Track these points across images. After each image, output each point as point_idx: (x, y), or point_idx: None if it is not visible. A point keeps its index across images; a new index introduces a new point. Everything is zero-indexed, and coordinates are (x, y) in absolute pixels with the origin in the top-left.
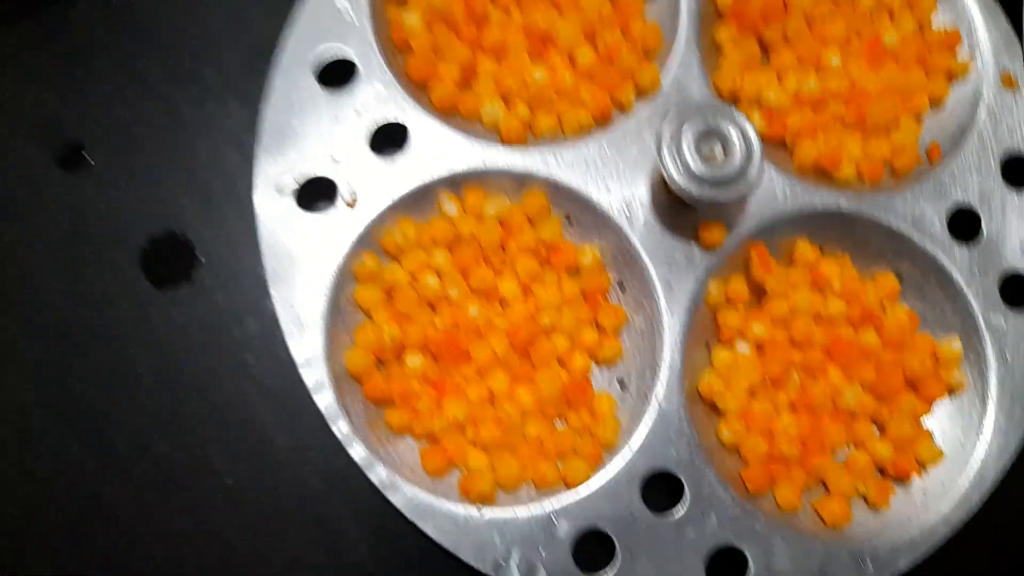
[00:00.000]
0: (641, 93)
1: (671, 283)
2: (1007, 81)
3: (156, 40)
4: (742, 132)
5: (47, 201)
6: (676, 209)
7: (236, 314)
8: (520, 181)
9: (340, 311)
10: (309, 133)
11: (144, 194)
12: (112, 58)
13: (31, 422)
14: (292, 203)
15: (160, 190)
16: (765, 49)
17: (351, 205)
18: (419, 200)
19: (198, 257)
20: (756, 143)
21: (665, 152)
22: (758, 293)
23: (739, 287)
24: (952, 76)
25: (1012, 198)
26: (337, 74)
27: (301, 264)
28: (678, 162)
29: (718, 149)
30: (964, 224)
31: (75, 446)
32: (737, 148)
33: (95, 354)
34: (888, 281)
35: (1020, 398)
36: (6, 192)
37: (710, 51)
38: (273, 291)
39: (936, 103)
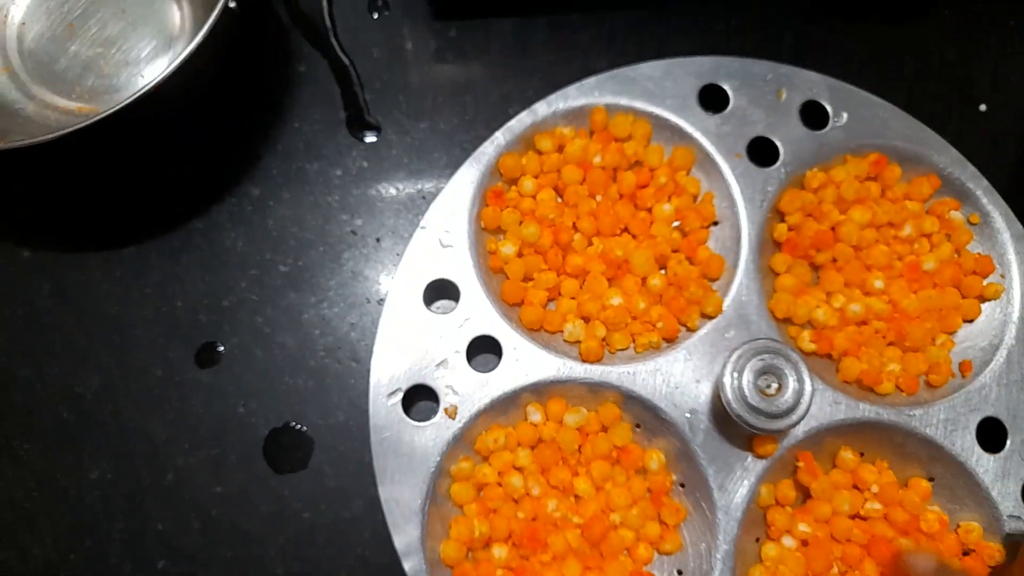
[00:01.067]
0: (705, 316)
1: (726, 485)
2: None
3: (283, 248)
4: (796, 371)
5: (187, 394)
6: (733, 421)
7: (346, 497)
8: (596, 391)
9: (437, 505)
10: (417, 347)
11: (270, 390)
12: (244, 266)
13: None
14: (400, 410)
15: (283, 387)
16: (816, 269)
17: (451, 416)
18: (508, 407)
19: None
20: (807, 382)
21: (727, 385)
22: (804, 492)
23: (787, 491)
24: (984, 298)
25: None
26: (442, 295)
27: (406, 464)
28: (738, 395)
29: (774, 384)
30: (992, 434)
31: None
32: (791, 386)
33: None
34: (921, 485)
35: None
36: (154, 390)
37: (767, 275)
38: (380, 488)
39: (969, 322)
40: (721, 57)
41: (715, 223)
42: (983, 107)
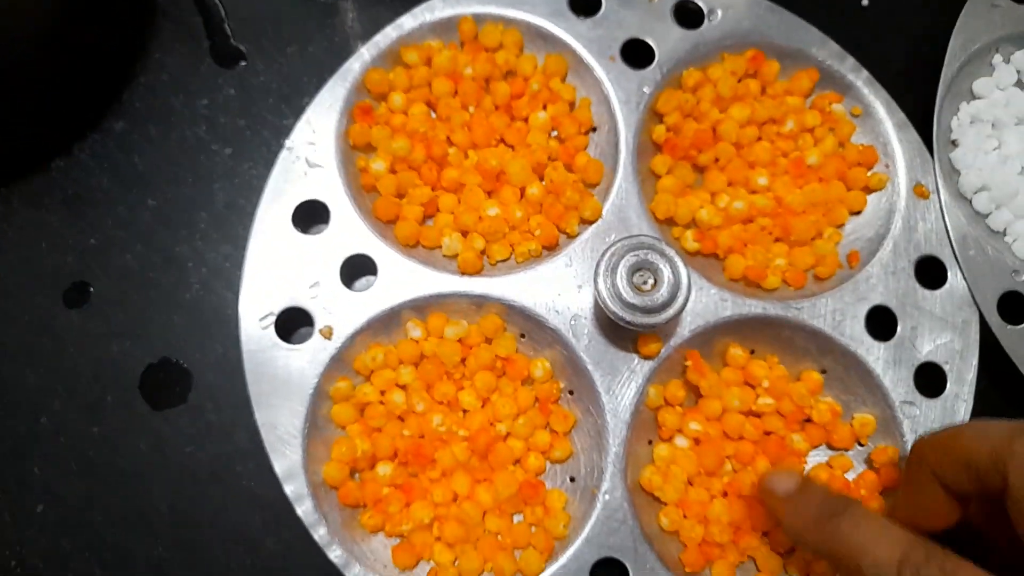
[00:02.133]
0: (584, 222)
1: (613, 389)
2: (920, 192)
3: (153, 188)
4: (671, 265)
5: (57, 339)
6: (617, 324)
7: (227, 431)
8: (478, 304)
9: (318, 428)
10: (288, 270)
11: (142, 326)
12: (111, 204)
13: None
14: (273, 334)
15: (157, 322)
16: (700, 170)
17: (327, 336)
18: (387, 325)
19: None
20: (683, 274)
21: (601, 284)
22: (694, 392)
23: (676, 391)
24: (870, 189)
25: (924, 297)
26: (312, 216)
27: (282, 388)
28: (613, 293)
29: (650, 280)
30: (882, 323)
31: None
32: (666, 279)
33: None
34: (812, 378)
35: None
36: (22, 336)
37: (648, 179)
38: (257, 413)
39: (856, 214)
40: None
41: (593, 129)
42: (865, 2)
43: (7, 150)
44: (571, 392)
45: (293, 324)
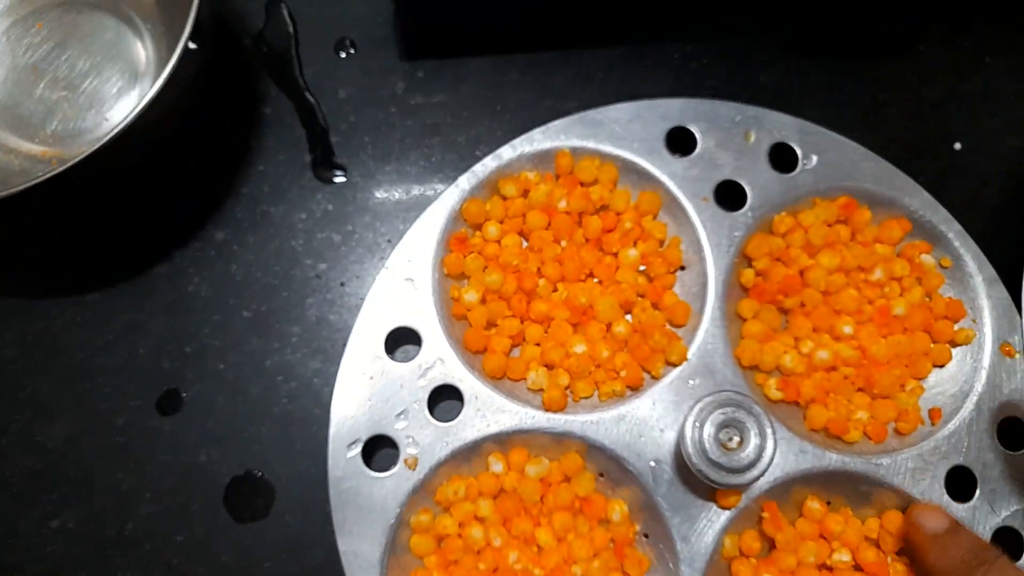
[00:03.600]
0: (670, 364)
1: (690, 536)
2: (1006, 351)
3: (248, 298)
4: (758, 425)
5: (148, 444)
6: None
7: (307, 548)
8: (559, 440)
9: (397, 556)
10: (378, 395)
11: (231, 436)
12: (208, 313)
13: None
14: (359, 461)
15: (246, 433)
16: (784, 314)
17: (411, 467)
18: (469, 456)
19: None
20: (770, 436)
21: (688, 440)
22: (769, 543)
23: (752, 542)
24: (955, 344)
25: (1006, 459)
26: (403, 340)
27: (365, 516)
28: (699, 449)
29: (736, 438)
30: (961, 483)
31: None
32: (752, 440)
33: None
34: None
35: None
36: (115, 439)
37: (734, 322)
38: (340, 540)
39: (939, 367)
40: (689, 99)
41: (682, 268)
42: (958, 146)
43: (114, 254)
44: (646, 536)
45: (378, 449)
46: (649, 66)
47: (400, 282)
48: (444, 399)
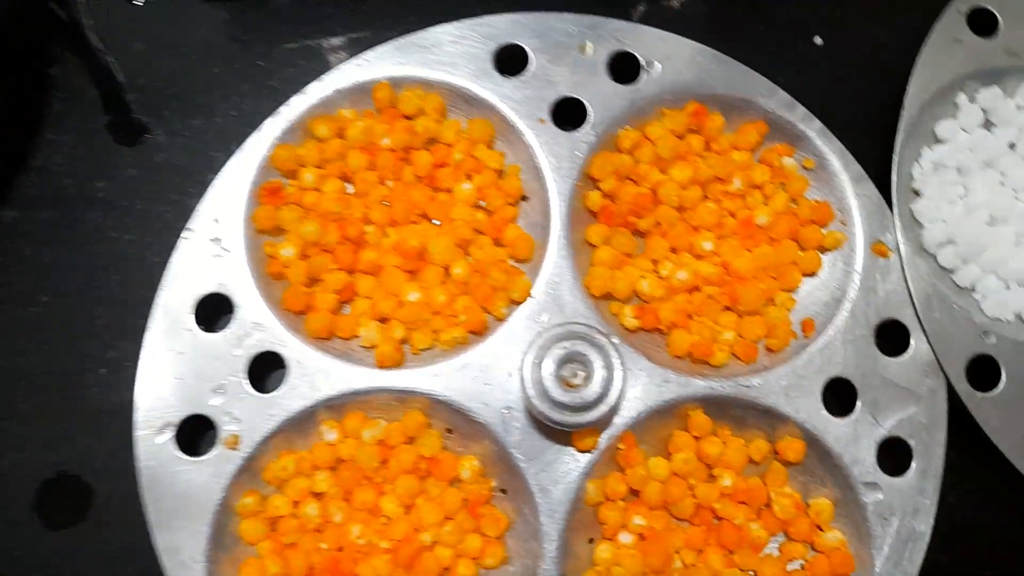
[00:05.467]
0: (514, 303)
1: (548, 487)
2: (879, 250)
3: (46, 281)
4: (603, 357)
5: None
6: None
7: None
8: (400, 399)
9: (225, 548)
10: (186, 372)
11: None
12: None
13: None
14: (172, 446)
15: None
16: (641, 236)
17: (231, 446)
18: (300, 428)
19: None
20: (617, 368)
21: (526, 380)
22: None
23: (617, 485)
24: (825, 249)
25: (886, 366)
26: (216, 310)
27: (183, 507)
28: (539, 388)
29: (580, 373)
30: (841, 396)
31: None
32: (598, 374)
33: None
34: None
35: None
36: None
37: (583, 251)
38: (157, 537)
39: (810, 276)
40: (517, 14)
41: (524, 199)
42: (818, 40)
43: None
44: (503, 491)
45: (195, 433)
46: None
47: (206, 244)
48: (269, 369)
